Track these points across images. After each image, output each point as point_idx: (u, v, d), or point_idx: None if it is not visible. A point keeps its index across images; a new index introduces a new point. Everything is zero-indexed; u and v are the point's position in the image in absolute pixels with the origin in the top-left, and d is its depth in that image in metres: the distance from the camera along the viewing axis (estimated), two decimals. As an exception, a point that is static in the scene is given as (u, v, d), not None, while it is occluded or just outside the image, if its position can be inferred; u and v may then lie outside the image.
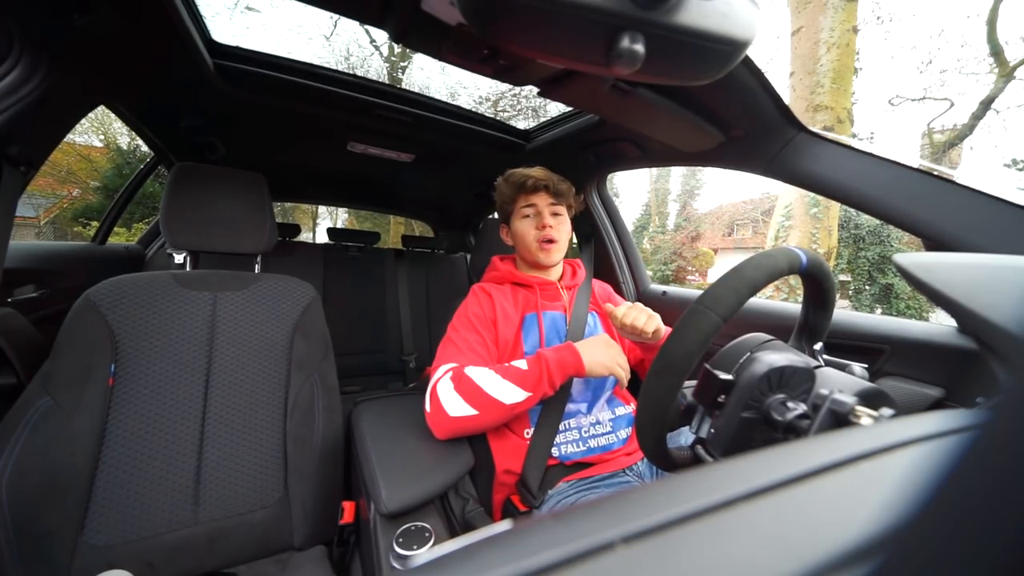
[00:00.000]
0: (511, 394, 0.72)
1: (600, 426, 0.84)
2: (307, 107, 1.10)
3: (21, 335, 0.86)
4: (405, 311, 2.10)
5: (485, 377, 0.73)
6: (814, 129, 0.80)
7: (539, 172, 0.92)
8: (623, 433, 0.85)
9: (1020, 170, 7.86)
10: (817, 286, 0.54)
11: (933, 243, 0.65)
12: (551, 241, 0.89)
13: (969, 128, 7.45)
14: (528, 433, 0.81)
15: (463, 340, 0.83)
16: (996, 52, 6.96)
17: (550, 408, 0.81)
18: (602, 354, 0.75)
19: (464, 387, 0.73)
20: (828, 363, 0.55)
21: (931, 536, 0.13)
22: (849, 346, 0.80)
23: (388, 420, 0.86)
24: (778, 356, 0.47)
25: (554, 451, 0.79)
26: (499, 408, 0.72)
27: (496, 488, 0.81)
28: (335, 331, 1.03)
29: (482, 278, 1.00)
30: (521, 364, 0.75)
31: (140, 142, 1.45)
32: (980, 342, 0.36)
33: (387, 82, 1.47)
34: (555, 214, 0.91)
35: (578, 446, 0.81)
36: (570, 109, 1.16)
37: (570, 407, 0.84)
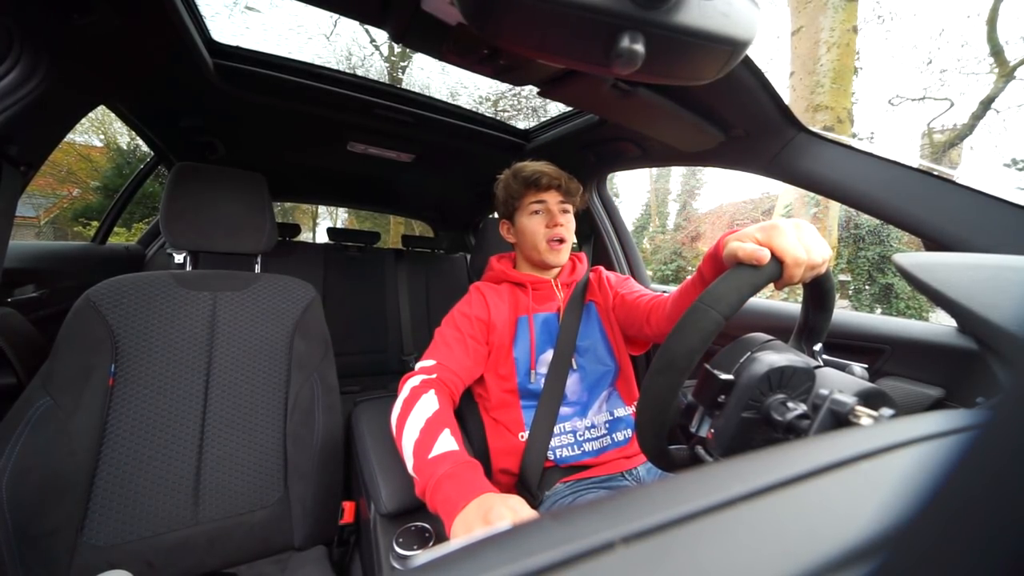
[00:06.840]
0: (407, 458, 0.64)
1: (595, 429, 0.83)
2: (307, 107, 1.10)
3: (21, 335, 0.86)
4: (405, 311, 2.10)
5: (413, 424, 0.66)
6: (814, 129, 0.80)
7: (551, 169, 0.89)
8: (620, 435, 0.83)
9: (1020, 170, 7.85)
10: (817, 286, 0.54)
11: (933, 243, 0.65)
12: (562, 240, 0.87)
13: (969, 128, 7.44)
14: (523, 436, 0.80)
15: (444, 335, 0.84)
16: (996, 52, 6.95)
17: (543, 410, 0.81)
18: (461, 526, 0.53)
19: (407, 405, 0.69)
20: (828, 363, 0.54)
21: (931, 536, 0.13)
22: (849, 346, 0.80)
23: (388, 420, 0.86)
24: (778, 356, 0.47)
25: (549, 454, 0.79)
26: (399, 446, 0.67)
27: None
28: (335, 331, 1.03)
29: (481, 278, 1.00)
30: (441, 447, 0.62)
31: (140, 142, 1.45)
32: (980, 342, 0.36)
33: (387, 82, 1.47)
34: (564, 211, 0.89)
35: (572, 450, 0.80)
36: (570, 109, 1.16)
37: (564, 410, 0.82)
